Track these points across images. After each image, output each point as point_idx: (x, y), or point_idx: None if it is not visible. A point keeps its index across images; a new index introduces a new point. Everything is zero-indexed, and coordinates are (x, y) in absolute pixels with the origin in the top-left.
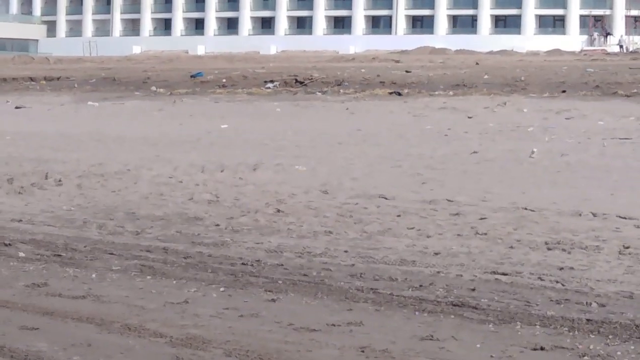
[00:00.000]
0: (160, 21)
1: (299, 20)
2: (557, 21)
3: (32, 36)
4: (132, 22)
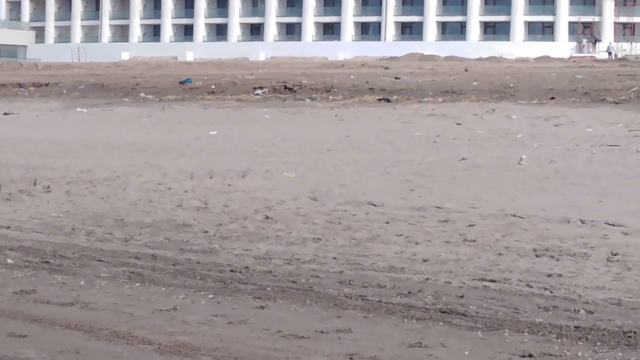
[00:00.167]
0: (149, 27)
1: (288, 26)
2: (546, 28)
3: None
4: (121, 28)
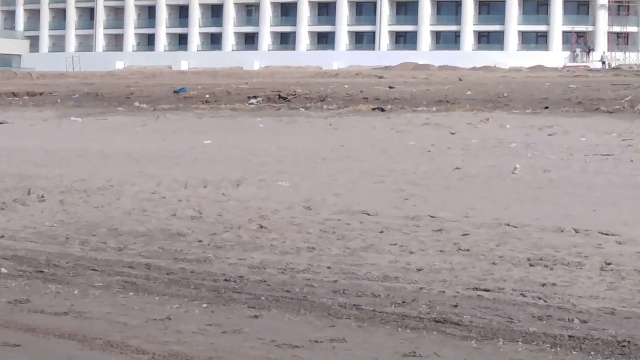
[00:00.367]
0: (143, 37)
1: (283, 36)
2: (540, 37)
3: (15, 51)
4: (116, 38)
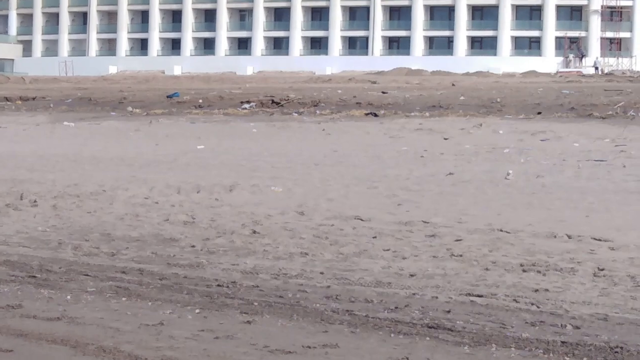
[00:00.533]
0: (136, 41)
1: (276, 40)
2: (532, 43)
3: (8, 56)
4: (109, 42)
